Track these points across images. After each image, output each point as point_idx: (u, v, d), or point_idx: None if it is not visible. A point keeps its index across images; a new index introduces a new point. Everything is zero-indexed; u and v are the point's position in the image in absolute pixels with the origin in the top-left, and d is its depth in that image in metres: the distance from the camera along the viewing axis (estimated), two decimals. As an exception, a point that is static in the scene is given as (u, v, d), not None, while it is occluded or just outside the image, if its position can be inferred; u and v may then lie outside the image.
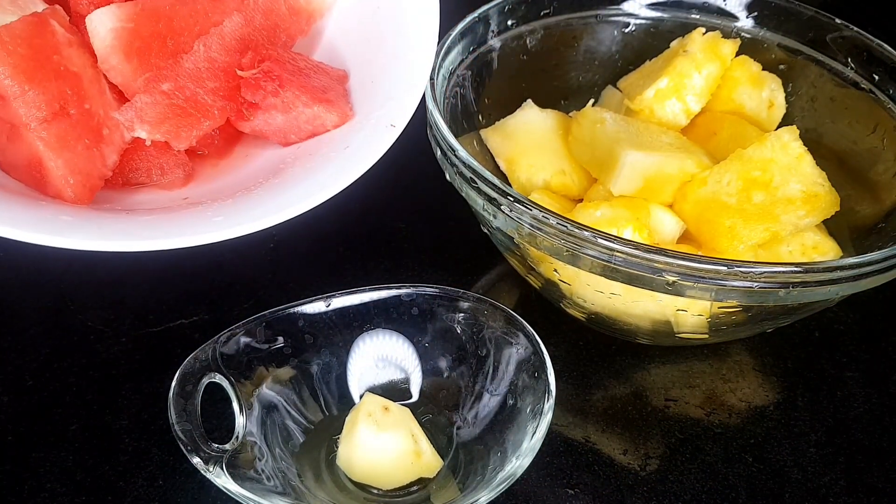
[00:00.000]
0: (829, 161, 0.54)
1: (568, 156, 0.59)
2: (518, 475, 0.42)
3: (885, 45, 0.58)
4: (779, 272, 0.42)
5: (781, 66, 0.62)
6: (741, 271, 0.42)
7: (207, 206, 0.51)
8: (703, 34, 0.59)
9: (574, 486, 0.49)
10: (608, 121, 0.56)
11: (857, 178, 0.57)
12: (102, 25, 0.49)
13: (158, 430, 0.51)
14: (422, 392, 0.51)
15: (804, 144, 0.52)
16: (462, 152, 0.48)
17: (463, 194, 0.49)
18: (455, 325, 0.50)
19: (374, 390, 0.50)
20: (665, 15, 0.64)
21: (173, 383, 0.44)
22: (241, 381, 0.47)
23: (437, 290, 0.50)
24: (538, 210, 0.45)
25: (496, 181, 0.46)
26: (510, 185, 0.58)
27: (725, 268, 0.42)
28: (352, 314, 0.50)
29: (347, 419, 0.48)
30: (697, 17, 0.64)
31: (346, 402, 0.50)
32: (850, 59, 0.59)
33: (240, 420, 0.46)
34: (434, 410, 0.50)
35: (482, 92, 0.61)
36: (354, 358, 0.51)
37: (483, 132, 0.60)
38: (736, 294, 0.43)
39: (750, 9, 0.63)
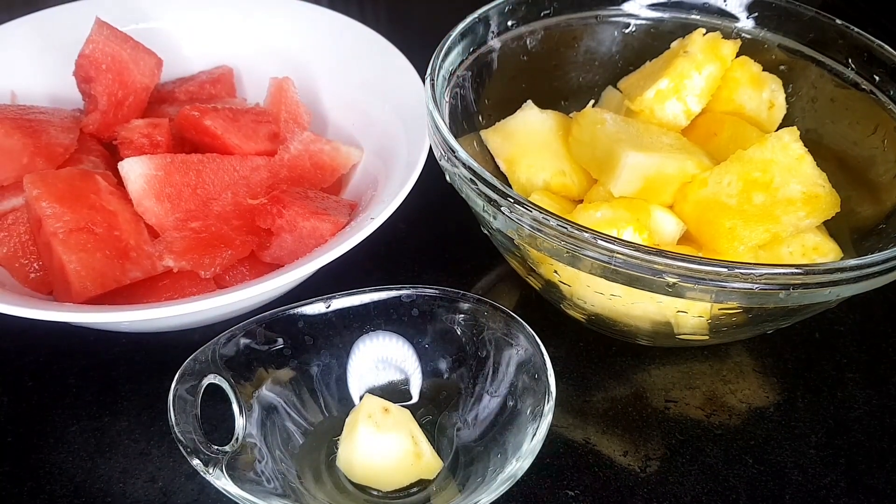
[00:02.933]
0: (829, 162, 0.54)
1: (568, 157, 0.59)
2: (518, 476, 0.42)
3: (886, 46, 0.57)
4: (779, 274, 0.42)
5: (782, 67, 0.62)
6: (741, 273, 0.42)
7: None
8: (704, 35, 0.59)
9: (574, 488, 0.49)
10: (608, 121, 0.56)
11: (857, 179, 0.57)
12: (133, 171, 0.54)
13: (158, 432, 0.51)
14: (422, 393, 0.51)
15: (804, 145, 0.52)
16: (462, 153, 0.48)
17: (463, 195, 0.49)
18: (455, 327, 0.50)
19: (374, 391, 0.50)
20: (665, 15, 0.64)
21: (173, 384, 0.44)
22: (241, 382, 0.47)
23: (436, 292, 0.50)
24: (538, 211, 0.45)
25: (496, 182, 0.46)
26: (510, 186, 0.58)
27: (726, 269, 0.42)
28: (352, 315, 0.50)
29: (347, 420, 0.48)
30: (698, 17, 0.64)
31: (347, 404, 0.50)
32: (850, 60, 0.59)
33: (239, 421, 0.46)
34: (434, 412, 0.50)
35: (482, 93, 0.61)
36: (354, 359, 0.51)
37: (483, 133, 0.60)
38: (736, 296, 0.43)
39: (750, 9, 0.63)
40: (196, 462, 0.42)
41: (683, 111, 0.58)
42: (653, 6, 0.64)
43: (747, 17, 0.63)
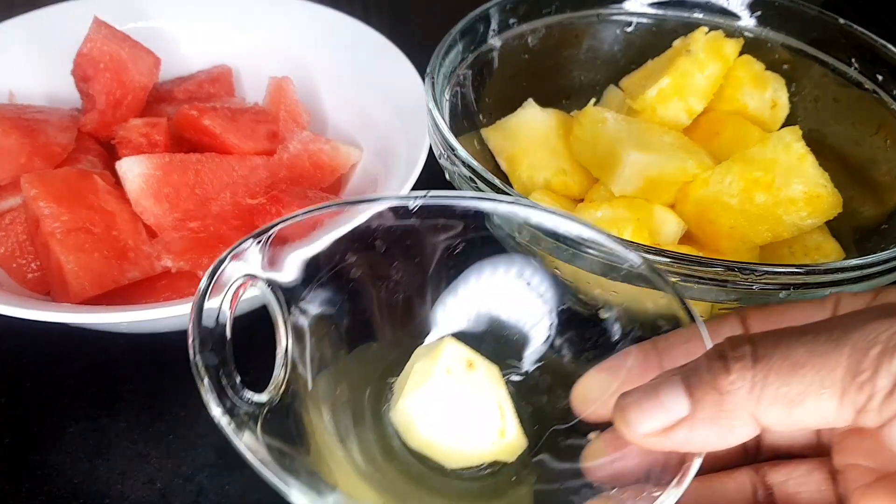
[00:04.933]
0: (831, 162, 0.54)
1: (569, 155, 0.58)
2: None
3: (889, 46, 0.57)
4: (780, 273, 0.41)
5: (785, 66, 0.61)
6: (742, 272, 0.41)
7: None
8: (706, 34, 0.59)
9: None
10: (609, 120, 0.56)
11: (860, 178, 0.56)
12: (131, 171, 0.54)
13: (156, 433, 0.51)
14: (513, 345, 0.40)
15: (807, 145, 0.51)
16: (462, 151, 0.48)
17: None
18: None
19: (459, 336, 0.39)
20: (667, 14, 0.64)
21: (198, 291, 0.33)
22: (289, 294, 0.36)
23: (563, 217, 0.38)
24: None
25: (496, 181, 0.46)
26: (511, 185, 0.58)
27: (726, 269, 0.41)
28: (440, 226, 0.39)
29: (417, 366, 0.37)
30: (700, 16, 0.64)
31: (414, 338, 0.40)
32: (853, 60, 0.58)
33: (281, 348, 0.36)
34: (521, 371, 0.40)
35: (483, 91, 0.61)
36: (444, 283, 0.40)
37: (484, 131, 0.60)
38: (736, 295, 0.43)
39: (753, 8, 0.62)
40: (218, 414, 0.31)
41: (685, 110, 0.58)
42: (655, 4, 0.64)
43: (750, 16, 0.63)
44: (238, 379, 0.32)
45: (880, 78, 0.57)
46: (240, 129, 0.58)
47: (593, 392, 0.37)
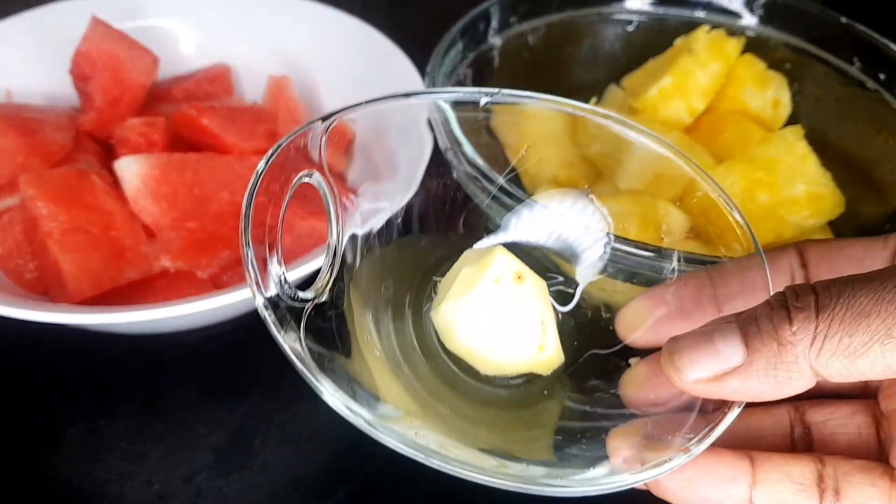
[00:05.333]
0: (834, 161, 0.54)
1: (574, 150, 0.58)
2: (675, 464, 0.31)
3: (892, 44, 0.57)
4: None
5: (787, 65, 0.61)
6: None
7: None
8: (708, 32, 0.59)
9: (575, 491, 0.48)
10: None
11: (862, 178, 0.56)
12: (129, 171, 0.54)
13: (154, 434, 0.50)
14: (569, 267, 0.39)
15: (809, 144, 0.51)
16: (467, 147, 0.48)
17: (468, 191, 0.49)
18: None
19: (511, 246, 0.38)
20: (669, 13, 0.64)
21: (255, 173, 0.32)
22: (343, 185, 0.37)
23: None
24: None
25: (499, 178, 0.46)
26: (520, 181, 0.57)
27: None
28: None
29: (464, 271, 0.36)
30: (702, 15, 0.63)
31: (466, 238, 0.39)
32: (856, 59, 0.58)
33: (332, 244, 0.35)
34: (570, 290, 0.39)
35: (483, 90, 0.61)
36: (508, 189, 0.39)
37: (493, 124, 0.60)
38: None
39: (755, 7, 0.62)
40: (260, 304, 0.30)
41: (687, 110, 0.58)
42: (656, 3, 0.64)
43: (752, 15, 0.63)
44: (284, 271, 0.32)
45: (883, 77, 0.57)
46: (239, 128, 0.58)
47: (640, 318, 0.36)
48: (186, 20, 0.69)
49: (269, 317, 0.30)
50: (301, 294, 0.33)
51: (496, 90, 0.37)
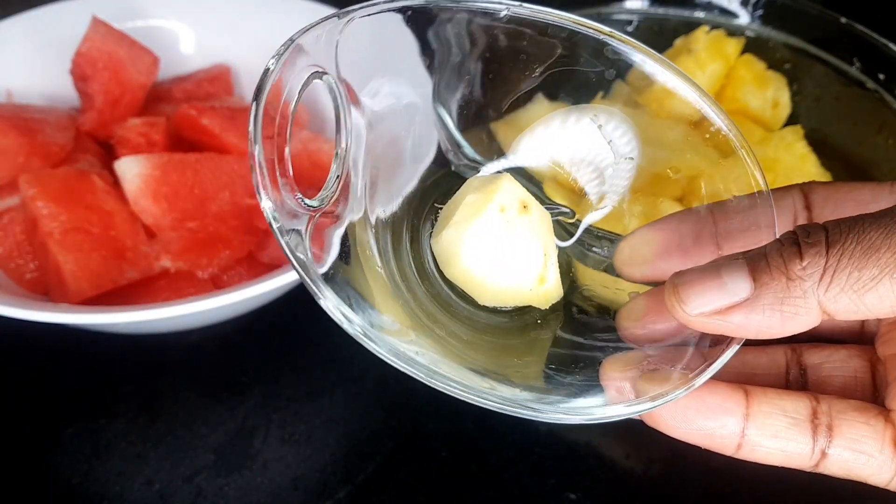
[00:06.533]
0: (833, 161, 0.54)
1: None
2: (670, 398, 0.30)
3: (891, 45, 0.57)
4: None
5: (786, 65, 0.61)
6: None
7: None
8: (707, 33, 0.59)
9: (576, 490, 0.48)
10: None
11: (862, 178, 0.56)
12: (130, 171, 0.54)
13: (155, 434, 0.50)
14: (576, 198, 0.39)
15: (809, 144, 0.51)
16: (467, 149, 0.48)
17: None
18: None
19: (518, 173, 0.37)
20: (669, 13, 0.64)
21: (263, 77, 0.30)
22: (354, 92, 0.34)
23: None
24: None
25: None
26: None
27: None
28: (539, 48, 0.37)
29: (468, 198, 0.35)
30: (702, 15, 0.63)
31: (473, 163, 0.39)
32: (855, 59, 0.58)
33: (341, 154, 0.34)
34: (573, 222, 0.38)
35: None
36: (517, 112, 0.38)
37: (493, 125, 0.60)
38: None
39: (755, 7, 0.62)
40: (267, 207, 0.30)
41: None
42: (656, 3, 0.64)
43: (751, 15, 0.63)
44: (291, 177, 0.31)
45: (882, 77, 0.57)
46: (239, 128, 0.58)
47: (639, 252, 0.36)
48: (187, 20, 0.69)
49: (273, 221, 0.30)
50: (308, 201, 0.32)
51: (518, 2, 0.35)
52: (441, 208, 0.36)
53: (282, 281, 0.47)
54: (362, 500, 0.48)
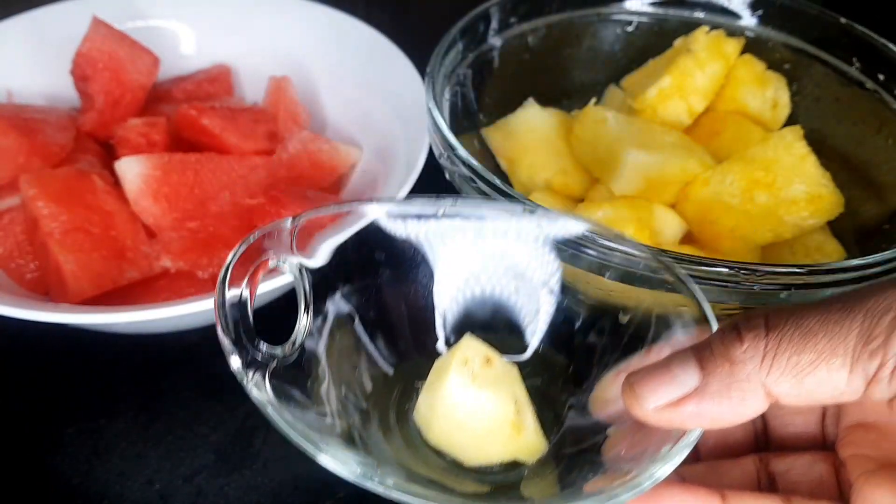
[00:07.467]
0: (833, 161, 0.54)
1: (569, 155, 0.58)
2: (645, 487, 0.31)
3: (891, 45, 0.57)
4: (781, 273, 0.41)
5: (786, 66, 0.61)
6: (743, 273, 0.41)
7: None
8: (707, 33, 0.59)
9: (575, 491, 0.48)
10: (610, 120, 0.56)
11: (861, 178, 0.56)
12: (130, 171, 0.54)
13: (155, 434, 0.50)
14: (538, 350, 0.40)
15: (808, 144, 0.51)
16: (461, 151, 0.48)
17: (463, 194, 0.49)
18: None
19: (478, 333, 0.39)
20: (668, 13, 0.64)
21: (231, 256, 0.35)
22: (316, 275, 0.38)
23: (595, 228, 0.40)
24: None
25: (496, 180, 0.46)
26: (511, 185, 0.57)
27: (727, 269, 0.41)
28: (474, 230, 0.40)
29: (437, 364, 0.38)
30: (701, 15, 0.63)
31: (444, 343, 0.41)
32: (855, 59, 0.58)
33: (303, 321, 0.37)
34: (545, 376, 0.40)
35: (483, 90, 0.61)
36: (464, 286, 0.41)
37: (484, 131, 0.60)
38: (737, 295, 0.42)
39: (754, 7, 0.62)
40: (234, 360, 0.32)
41: (686, 110, 0.58)
42: (655, 4, 0.64)
43: (751, 16, 0.63)
44: (259, 341, 0.34)
45: (882, 77, 0.57)
46: (239, 128, 0.58)
47: (611, 394, 0.37)
48: (187, 21, 0.69)
49: (246, 378, 0.32)
50: (272, 352, 0.35)
51: (453, 199, 0.39)
52: (421, 385, 0.38)
53: (282, 281, 0.47)
54: (363, 500, 0.48)
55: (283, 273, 0.37)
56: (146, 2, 0.68)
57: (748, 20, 0.63)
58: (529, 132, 0.59)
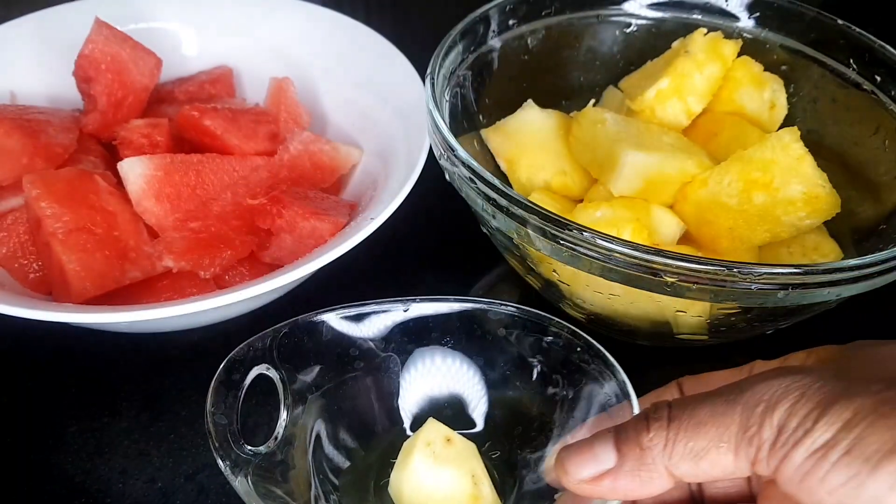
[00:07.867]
0: (830, 162, 0.54)
1: (568, 156, 0.58)
2: None
3: (887, 46, 0.57)
4: (778, 273, 0.42)
5: (783, 67, 0.61)
6: (740, 272, 0.41)
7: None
8: (705, 35, 0.59)
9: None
10: (609, 121, 0.56)
11: (858, 179, 0.57)
12: (132, 172, 0.54)
13: (157, 433, 0.51)
14: (492, 424, 0.46)
15: (805, 145, 0.51)
16: (461, 152, 0.48)
17: (462, 194, 0.49)
18: (537, 356, 0.46)
19: (441, 417, 0.45)
20: (666, 15, 0.64)
21: (219, 370, 0.41)
22: (295, 378, 0.44)
23: (529, 316, 0.46)
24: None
25: (496, 181, 0.46)
26: (510, 186, 0.58)
27: (724, 269, 0.41)
28: (431, 324, 0.46)
29: (405, 444, 0.44)
30: (699, 17, 0.64)
31: (411, 424, 0.47)
32: (851, 60, 0.59)
33: (283, 417, 0.43)
34: (505, 447, 0.45)
35: (483, 92, 0.61)
36: (427, 375, 0.47)
37: (483, 132, 0.60)
38: (735, 295, 0.43)
39: (752, 9, 0.63)
40: (223, 464, 0.39)
41: (684, 111, 0.58)
42: (654, 6, 0.64)
43: (749, 17, 0.63)
44: (245, 445, 0.40)
45: (878, 79, 0.57)
46: (241, 129, 0.59)
47: (552, 464, 0.41)
48: (189, 22, 0.70)
49: (233, 477, 0.38)
50: (256, 450, 0.40)
51: (410, 299, 0.46)
52: (395, 462, 0.43)
53: (283, 281, 0.48)
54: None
55: (270, 376, 0.43)
56: (148, 3, 0.69)
57: (746, 22, 0.63)
58: (529, 133, 0.59)
